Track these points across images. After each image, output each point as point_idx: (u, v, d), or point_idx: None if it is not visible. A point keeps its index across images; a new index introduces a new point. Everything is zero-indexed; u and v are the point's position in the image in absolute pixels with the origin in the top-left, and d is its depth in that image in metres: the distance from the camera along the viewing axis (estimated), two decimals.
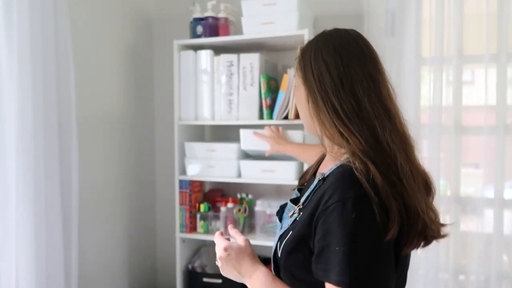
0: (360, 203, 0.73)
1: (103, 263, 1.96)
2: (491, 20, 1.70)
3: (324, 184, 0.82)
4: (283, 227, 0.90)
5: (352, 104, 0.80)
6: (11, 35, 1.34)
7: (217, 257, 0.91)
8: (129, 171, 2.14)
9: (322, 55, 0.83)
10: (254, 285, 0.88)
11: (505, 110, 1.71)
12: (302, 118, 0.94)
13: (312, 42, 0.89)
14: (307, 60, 0.86)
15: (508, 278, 1.78)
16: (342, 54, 0.83)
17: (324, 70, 0.82)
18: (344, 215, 0.72)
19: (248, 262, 0.90)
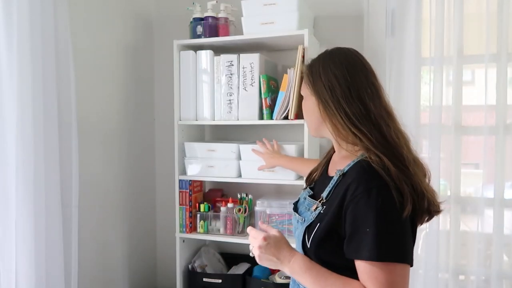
0: (382, 190, 0.89)
1: (103, 263, 1.96)
2: (491, 20, 1.70)
3: (346, 178, 0.97)
4: (307, 220, 1.01)
5: (360, 108, 0.96)
6: (11, 35, 1.34)
7: (256, 246, 1.00)
8: (129, 171, 2.14)
9: (331, 68, 1.00)
10: (293, 268, 0.97)
11: (505, 110, 1.71)
12: (310, 125, 1.10)
13: (318, 59, 1.05)
14: (316, 73, 1.02)
15: (508, 278, 1.78)
16: (348, 67, 0.99)
17: (334, 81, 0.98)
18: (371, 202, 0.88)
19: (286, 249, 1.00)
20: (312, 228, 0.98)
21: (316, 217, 0.99)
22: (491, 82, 1.71)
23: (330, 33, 2.00)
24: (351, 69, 1.00)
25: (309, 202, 1.06)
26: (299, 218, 1.05)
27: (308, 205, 1.06)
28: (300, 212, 1.08)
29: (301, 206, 1.10)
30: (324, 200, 1.00)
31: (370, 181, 0.90)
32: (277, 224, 1.85)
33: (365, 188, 0.90)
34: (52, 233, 1.51)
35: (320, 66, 1.02)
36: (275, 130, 2.11)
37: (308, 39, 1.70)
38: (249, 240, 1.05)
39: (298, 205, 1.13)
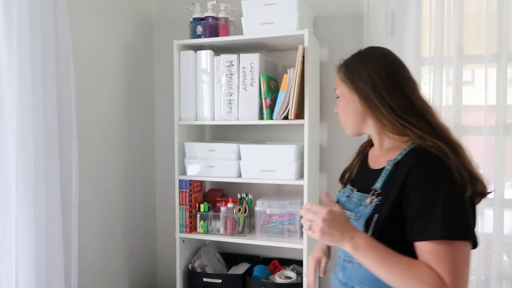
0: (445, 173, 0.91)
1: (103, 263, 1.97)
2: (491, 20, 1.70)
3: (401, 166, 0.97)
4: (364, 214, 1.00)
5: (404, 101, 1.00)
6: (11, 35, 1.34)
7: (319, 220, 0.94)
8: (129, 171, 2.14)
9: (370, 65, 1.04)
10: (357, 245, 0.93)
11: (505, 110, 1.71)
12: (350, 123, 1.11)
13: (355, 57, 1.09)
14: (355, 71, 1.05)
15: (508, 278, 1.78)
16: (386, 62, 1.04)
17: (375, 76, 1.02)
18: (435, 184, 0.90)
19: (349, 226, 0.96)
20: (371, 220, 0.98)
21: (374, 209, 0.98)
22: (491, 82, 1.71)
23: (330, 33, 2.01)
24: (390, 64, 1.04)
25: (359, 197, 1.05)
26: (352, 215, 1.03)
27: (359, 200, 1.05)
28: (350, 209, 1.06)
29: (346, 204, 1.09)
30: (379, 191, 1.00)
31: (432, 164, 0.92)
32: (277, 224, 1.85)
33: (428, 171, 0.92)
34: (52, 233, 1.51)
35: (359, 64, 1.06)
36: (275, 130, 2.11)
37: (308, 39, 1.70)
38: (304, 214, 0.98)
39: (341, 203, 1.11)
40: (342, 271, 1.08)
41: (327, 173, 2.05)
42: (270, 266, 2.00)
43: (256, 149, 1.84)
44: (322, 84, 2.01)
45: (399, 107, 0.99)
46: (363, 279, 1.00)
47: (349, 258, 1.03)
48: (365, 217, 0.99)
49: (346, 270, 1.06)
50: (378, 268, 0.91)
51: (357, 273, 1.02)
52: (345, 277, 1.06)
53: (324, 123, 2.03)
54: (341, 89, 1.10)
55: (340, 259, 1.10)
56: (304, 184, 1.74)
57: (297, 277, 1.85)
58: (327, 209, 0.95)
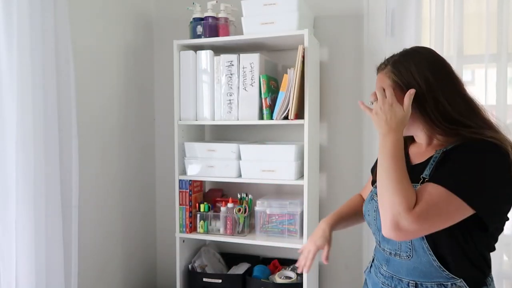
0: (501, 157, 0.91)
1: (103, 263, 1.97)
2: (491, 20, 1.70)
3: (453, 151, 0.97)
4: None
5: (460, 102, 0.99)
6: (11, 35, 1.34)
7: (381, 103, 1.01)
8: (129, 171, 2.14)
9: (424, 65, 1.02)
10: (385, 140, 0.98)
11: (505, 110, 1.71)
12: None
13: (405, 56, 1.06)
14: (408, 72, 1.02)
15: (508, 278, 1.78)
16: (438, 63, 1.04)
17: (430, 77, 1.00)
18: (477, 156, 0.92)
19: (396, 123, 0.99)
20: None
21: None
22: (491, 82, 1.71)
23: (330, 33, 2.01)
24: (442, 64, 1.05)
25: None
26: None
27: None
28: None
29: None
30: (427, 178, 0.99)
31: (482, 148, 0.92)
32: (277, 224, 1.85)
33: (476, 148, 0.93)
34: (52, 233, 1.51)
35: (411, 64, 1.03)
36: (275, 130, 2.11)
37: (308, 39, 1.70)
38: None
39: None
40: (386, 264, 1.08)
41: (327, 173, 2.04)
42: (270, 266, 2.00)
43: (256, 149, 1.84)
44: (322, 84, 2.01)
45: (458, 110, 0.98)
46: (412, 271, 1.01)
47: (396, 251, 1.04)
48: None
49: (392, 263, 1.06)
50: (385, 163, 0.95)
51: (404, 266, 1.03)
52: (391, 270, 1.06)
53: (324, 123, 2.03)
54: (389, 88, 1.04)
55: (384, 252, 1.09)
56: (304, 184, 1.74)
57: (297, 277, 1.85)
58: (394, 102, 0.99)
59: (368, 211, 1.16)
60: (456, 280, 0.97)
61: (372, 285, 1.16)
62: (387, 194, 0.92)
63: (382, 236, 1.07)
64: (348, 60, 1.98)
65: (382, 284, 1.09)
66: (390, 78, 1.05)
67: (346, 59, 1.99)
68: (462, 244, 0.95)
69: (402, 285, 1.04)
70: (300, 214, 1.82)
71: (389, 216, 0.90)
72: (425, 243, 0.97)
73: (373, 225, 1.14)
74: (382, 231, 0.93)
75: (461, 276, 0.97)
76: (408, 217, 0.88)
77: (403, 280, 1.04)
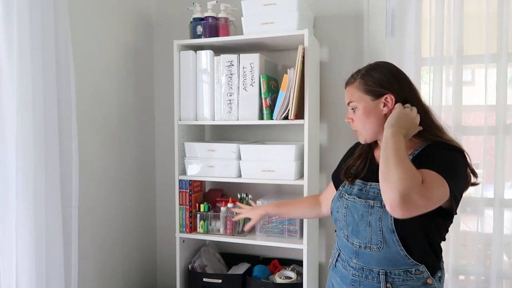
0: (461, 152, 1.12)
1: (103, 263, 1.97)
2: (491, 20, 1.70)
3: (421, 156, 1.12)
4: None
5: (420, 107, 1.18)
6: (11, 35, 1.34)
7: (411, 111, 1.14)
8: (129, 171, 2.14)
9: (389, 76, 1.18)
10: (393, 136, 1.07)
11: (505, 110, 1.71)
12: (368, 130, 1.21)
13: (370, 69, 1.21)
14: (377, 80, 1.17)
15: (508, 278, 1.78)
16: (401, 74, 1.21)
17: (396, 86, 1.17)
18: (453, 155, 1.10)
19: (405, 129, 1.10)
20: None
21: None
22: (491, 82, 1.71)
23: (330, 33, 2.01)
24: (403, 75, 1.20)
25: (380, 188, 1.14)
26: (377, 203, 1.14)
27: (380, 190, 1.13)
28: (369, 198, 1.17)
29: (362, 195, 1.20)
30: None
31: (451, 148, 1.11)
32: (277, 224, 1.85)
33: (447, 150, 1.11)
34: (52, 233, 1.51)
35: (376, 73, 1.18)
36: (275, 130, 2.11)
37: (308, 39, 1.70)
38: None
39: (354, 195, 1.21)
40: (356, 257, 1.19)
41: (327, 173, 2.04)
42: (270, 266, 2.00)
43: (256, 149, 1.84)
44: (322, 84, 2.01)
45: (420, 112, 1.15)
46: (381, 261, 1.14)
47: (366, 244, 1.16)
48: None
49: (362, 255, 1.17)
50: (395, 147, 1.04)
51: (374, 257, 1.14)
52: (362, 262, 1.17)
53: (324, 123, 2.03)
54: (361, 99, 1.19)
55: (353, 246, 1.19)
56: (304, 184, 1.74)
57: (297, 277, 1.85)
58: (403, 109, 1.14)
59: (337, 208, 1.26)
60: (418, 266, 1.12)
61: (340, 278, 1.25)
62: (398, 171, 0.99)
63: (351, 231, 1.20)
64: (348, 60, 1.98)
65: (352, 276, 1.20)
66: (361, 89, 1.19)
67: (346, 59, 1.99)
68: (427, 233, 1.11)
69: (373, 275, 1.15)
70: None
71: (399, 191, 0.97)
72: (395, 236, 1.10)
73: (341, 220, 1.24)
74: (388, 207, 1.00)
75: (422, 262, 1.12)
76: (419, 191, 0.97)
77: (373, 270, 1.15)
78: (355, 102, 1.21)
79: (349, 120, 1.25)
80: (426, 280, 1.13)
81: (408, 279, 1.13)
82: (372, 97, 1.18)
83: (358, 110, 1.21)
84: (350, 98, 1.22)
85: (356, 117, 1.22)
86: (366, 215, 1.16)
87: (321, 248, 2.08)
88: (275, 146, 1.83)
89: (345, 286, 1.22)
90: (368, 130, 1.21)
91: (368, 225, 1.15)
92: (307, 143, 1.72)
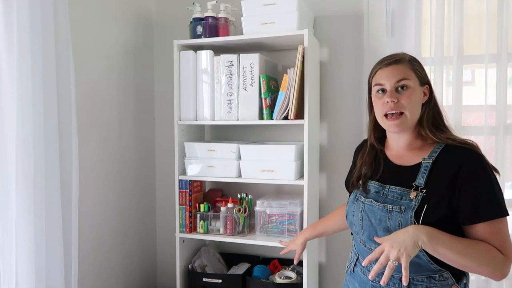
0: (486, 164, 1.07)
1: (103, 263, 1.97)
2: (491, 20, 1.70)
3: (443, 163, 1.09)
4: (409, 206, 1.08)
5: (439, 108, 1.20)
6: (11, 35, 1.34)
7: (394, 256, 0.99)
8: (129, 171, 2.14)
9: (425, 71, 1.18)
10: (430, 234, 1.02)
11: (505, 110, 1.71)
12: (415, 115, 1.14)
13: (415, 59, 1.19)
14: (421, 69, 1.17)
15: (508, 278, 1.78)
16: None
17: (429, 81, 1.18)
18: (485, 176, 1.05)
19: (406, 230, 1.04)
20: (421, 211, 1.05)
21: (421, 201, 1.07)
22: (491, 82, 1.71)
23: (330, 33, 2.01)
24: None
25: (400, 192, 1.12)
26: (395, 208, 1.09)
27: (400, 194, 1.11)
28: (388, 202, 1.12)
29: (379, 198, 1.15)
30: (422, 186, 1.08)
31: (478, 157, 1.07)
32: (277, 224, 1.85)
33: (476, 165, 1.06)
34: (52, 233, 1.51)
35: (421, 66, 1.18)
36: (275, 130, 2.12)
37: (308, 39, 1.70)
38: (379, 265, 1.02)
39: (372, 198, 1.17)
40: (375, 263, 1.09)
41: (327, 173, 2.04)
42: (270, 266, 2.00)
43: (256, 149, 1.84)
44: (322, 84, 2.01)
45: (440, 114, 1.17)
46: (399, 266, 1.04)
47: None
48: (413, 208, 1.06)
49: None
50: (452, 249, 1.00)
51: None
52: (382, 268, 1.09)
53: (324, 123, 2.03)
54: (414, 80, 1.14)
55: (371, 252, 1.10)
56: (304, 184, 1.74)
57: (297, 277, 1.85)
58: (384, 246, 1.01)
59: (353, 211, 1.21)
60: (443, 272, 1.07)
61: (360, 284, 1.20)
62: (480, 267, 1.02)
63: (367, 236, 1.14)
64: (348, 60, 1.98)
65: (372, 282, 1.14)
66: (413, 70, 1.14)
67: (346, 59, 1.99)
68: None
69: (394, 281, 1.10)
70: (300, 214, 1.82)
71: (495, 277, 1.03)
72: None
73: (357, 225, 1.18)
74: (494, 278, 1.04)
75: (447, 268, 1.07)
76: (504, 262, 1.02)
77: (394, 276, 1.09)
78: (410, 80, 1.12)
79: (394, 99, 1.11)
80: (451, 287, 1.08)
81: (432, 285, 1.07)
82: (420, 83, 1.14)
83: (409, 89, 1.12)
84: (403, 75, 1.12)
85: (405, 96, 1.11)
86: (384, 220, 1.10)
87: (321, 248, 2.08)
88: (275, 146, 1.83)
89: None
90: (414, 114, 1.13)
91: (386, 230, 1.09)
92: (307, 143, 1.72)
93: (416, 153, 1.15)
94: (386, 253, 0.99)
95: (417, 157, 1.14)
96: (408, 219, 1.06)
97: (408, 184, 1.11)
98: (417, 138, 1.17)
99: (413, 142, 1.17)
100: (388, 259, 0.98)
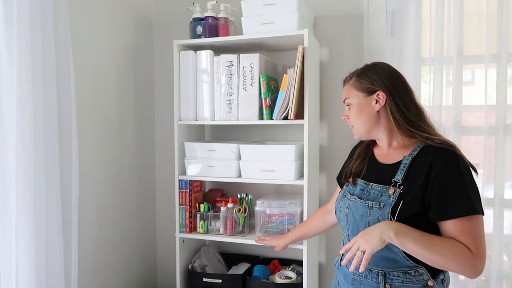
0: (461, 161, 1.10)
1: (102, 263, 1.97)
2: (491, 20, 1.70)
3: (420, 160, 1.13)
4: (387, 202, 1.14)
5: (414, 108, 1.20)
6: (11, 35, 1.34)
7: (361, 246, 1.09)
8: (129, 171, 2.14)
9: (384, 75, 1.21)
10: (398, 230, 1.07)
11: (505, 110, 1.71)
12: (362, 127, 1.24)
13: (367, 68, 1.25)
14: (371, 79, 1.21)
15: (508, 278, 1.78)
16: (396, 74, 1.23)
17: (390, 86, 1.19)
18: (457, 172, 1.08)
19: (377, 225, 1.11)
20: (397, 206, 1.12)
21: (398, 197, 1.13)
22: (491, 82, 1.71)
23: (330, 33, 2.01)
24: (398, 75, 1.23)
25: (380, 189, 1.18)
26: (375, 204, 1.16)
27: (380, 191, 1.18)
28: (370, 199, 1.19)
29: (363, 196, 1.22)
30: (400, 182, 1.14)
31: (450, 156, 1.10)
32: (277, 224, 1.85)
33: (449, 162, 1.09)
34: (52, 233, 1.51)
35: (373, 73, 1.22)
36: (275, 130, 2.12)
37: (308, 39, 1.70)
38: (350, 253, 1.12)
39: (355, 195, 1.24)
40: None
41: (327, 173, 2.05)
42: (270, 266, 2.00)
43: (256, 149, 1.84)
44: (322, 84, 2.01)
45: (412, 114, 1.18)
46: (380, 262, 1.15)
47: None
48: (391, 204, 1.13)
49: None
50: (420, 245, 1.05)
51: (373, 257, 1.12)
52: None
53: (324, 123, 2.03)
54: (355, 96, 1.24)
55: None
56: (304, 184, 1.74)
57: (297, 277, 1.85)
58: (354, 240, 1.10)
59: (340, 207, 1.29)
60: (418, 268, 1.13)
61: (343, 277, 1.27)
62: (448, 262, 1.05)
63: (351, 231, 1.23)
64: (348, 60, 1.98)
65: (353, 275, 1.22)
66: (355, 86, 1.24)
67: (346, 59, 1.99)
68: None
69: (372, 275, 1.18)
70: (300, 214, 1.82)
71: (465, 274, 1.06)
72: None
73: (343, 220, 1.27)
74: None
75: (422, 264, 1.12)
76: (473, 259, 1.04)
77: (372, 270, 1.18)
78: (350, 99, 1.26)
79: (345, 117, 1.29)
80: (426, 282, 1.13)
81: (407, 280, 1.13)
82: (365, 94, 1.22)
83: (352, 106, 1.25)
84: (346, 95, 1.28)
85: (351, 113, 1.26)
86: (366, 216, 1.18)
87: (321, 248, 2.08)
88: (275, 146, 1.83)
89: (347, 284, 1.25)
90: (361, 126, 1.25)
91: (367, 225, 1.16)
92: (307, 143, 1.72)
93: (399, 152, 1.21)
94: (356, 244, 1.09)
95: (400, 155, 1.20)
96: (386, 214, 1.13)
97: (389, 181, 1.17)
98: (399, 138, 1.22)
99: (393, 142, 1.24)
100: (358, 249, 1.09)
